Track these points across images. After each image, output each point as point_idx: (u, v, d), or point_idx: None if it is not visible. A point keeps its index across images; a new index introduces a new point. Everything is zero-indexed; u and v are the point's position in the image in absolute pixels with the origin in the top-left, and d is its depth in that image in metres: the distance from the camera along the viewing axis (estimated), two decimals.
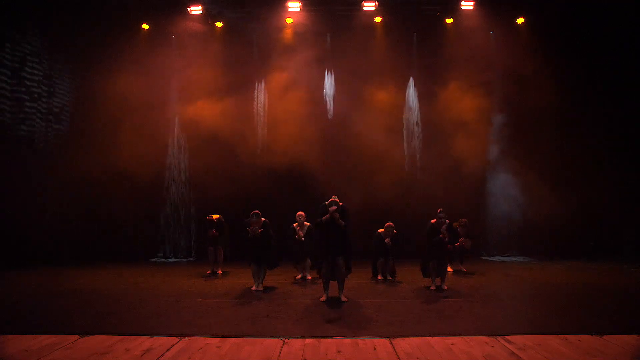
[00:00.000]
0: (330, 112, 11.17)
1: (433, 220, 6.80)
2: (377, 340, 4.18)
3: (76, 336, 4.33)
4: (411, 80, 11.19)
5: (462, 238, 7.78)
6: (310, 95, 10.89)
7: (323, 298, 5.93)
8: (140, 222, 11.00)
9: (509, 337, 4.19)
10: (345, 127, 11.00)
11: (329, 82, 11.18)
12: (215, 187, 10.22)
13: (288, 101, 10.66)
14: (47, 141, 10.41)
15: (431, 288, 6.74)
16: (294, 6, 10.61)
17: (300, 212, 7.92)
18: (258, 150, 11.01)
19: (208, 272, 8.52)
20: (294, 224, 7.89)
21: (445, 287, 6.69)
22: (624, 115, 10.53)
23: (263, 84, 11.16)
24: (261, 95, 11.21)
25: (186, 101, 11.09)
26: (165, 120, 11.12)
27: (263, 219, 6.83)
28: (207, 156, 10.56)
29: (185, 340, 4.22)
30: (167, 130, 11.17)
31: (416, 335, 4.30)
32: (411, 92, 11.24)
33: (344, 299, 5.92)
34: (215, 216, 8.58)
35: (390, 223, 7.72)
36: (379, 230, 7.77)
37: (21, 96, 9.94)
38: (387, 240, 7.57)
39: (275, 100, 10.96)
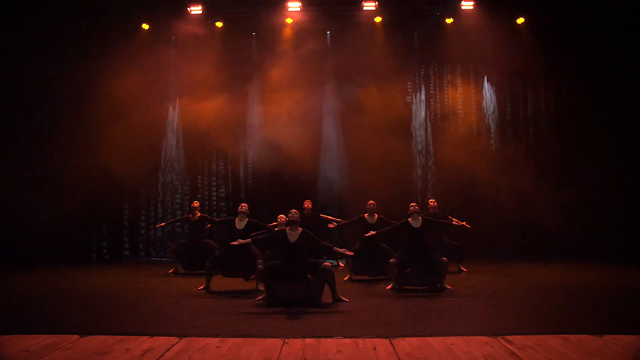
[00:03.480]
0: (330, 112, 11.17)
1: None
2: (377, 340, 4.18)
3: (76, 336, 4.33)
4: (412, 80, 11.18)
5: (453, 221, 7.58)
6: (310, 95, 10.87)
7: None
8: (139, 222, 10.99)
9: (509, 337, 4.19)
10: (345, 128, 11.01)
11: (329, 81, 11.17)
12: (212, 188, 10.21)
13: (287, 101, 10.65)
14: (46, 141, 10.40)
15: (387, 287, 6.68)
16: (294, 6, 10.59)
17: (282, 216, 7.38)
18: (257, 151, 11.02)
19: (170, 271, 8.47)
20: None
21: (449, 287, 6.65)
22: (625, 115, 10.52)
23: (262, 84, 11.15)
24: (261, 95, 11.21)
25: (184, 101, 11.10)
26: (163, 120, 11.11)
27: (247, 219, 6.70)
28: (204, 156, 10.58)
29: (185, 340, 4.22)
30: (164, 130, 11.14)
31: (416, 335, 4.30)
32: (412, 92, 11.24)
33: (344, 298, 5.90)
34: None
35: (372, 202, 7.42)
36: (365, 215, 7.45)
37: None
38: (371, 233, 6.90)
39: (274, 100, 10.95)
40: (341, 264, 9.30)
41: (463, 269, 8.51)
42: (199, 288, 6.86)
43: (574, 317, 5.00)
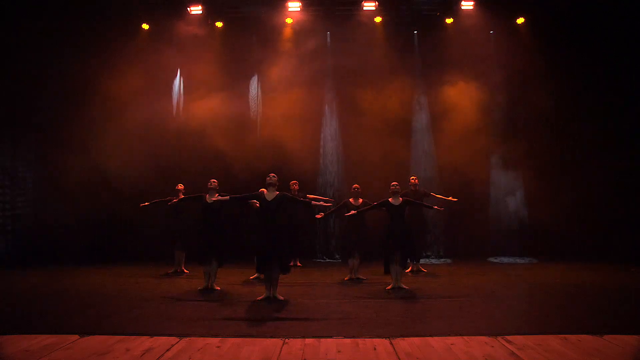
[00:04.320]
0: (330, 112, 11.16)
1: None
2: (377, 340, 4.19)
3: (76, 336, 4.34)
4: (411, 80, 11.16)
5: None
6: (310, 95, 10.86)
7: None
8: (138, 222, 10.97)
9: (509, 337, 4.19)
10: (344, 128, 11.00)
11: (328, 81, 11.16)
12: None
13: (287, 101, 10.65)
14: (45, 141, 10.39)
15: (387, 288, 6.77)
16: (294, 6, 10.59)
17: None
18: (257, 150, 11.00)
19: (169, 271, 8.57)
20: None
21: (406, 287, 6.74)
22: (625, 115, 10.51)
23: (262, 84, 11.14)
24: (261, 95, 11.19)
25: (184, 101, 11.09)
26: (163, 120, 11.07)
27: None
28: (204, 156, 10.56)
29: (185, 340, 4.22)
30: (164, 130, 11.08)
31: (416, 335, 4.30)
32: (411, 92, 11.22)
33: (280, 297, 6.05)
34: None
35: (357, 185, 7.86)
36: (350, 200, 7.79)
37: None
38: (352, 212, 7.16)
39: (274, 99, 10.94)
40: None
41: (422, 269, 8.64)
42: (199, 288, 6.87)
43: (574, 317, 5.01)
